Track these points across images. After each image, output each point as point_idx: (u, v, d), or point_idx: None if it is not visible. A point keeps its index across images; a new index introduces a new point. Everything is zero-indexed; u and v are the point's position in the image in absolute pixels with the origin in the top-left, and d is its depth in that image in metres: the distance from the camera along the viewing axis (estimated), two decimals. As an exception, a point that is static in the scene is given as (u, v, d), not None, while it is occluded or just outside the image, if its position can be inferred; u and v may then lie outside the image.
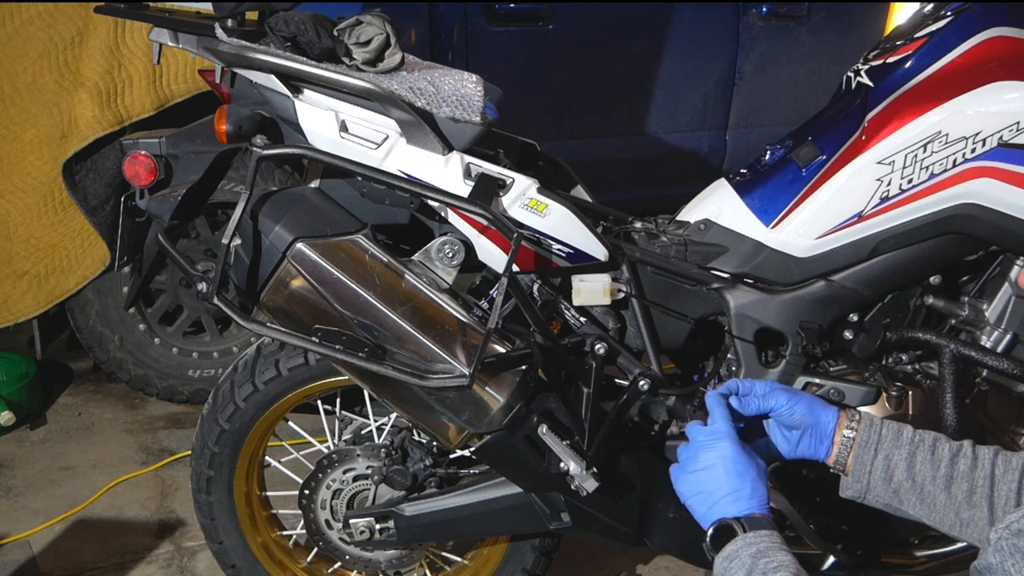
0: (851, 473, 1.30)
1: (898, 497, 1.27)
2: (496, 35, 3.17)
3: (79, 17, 2.57)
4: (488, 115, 1.50)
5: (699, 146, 3.68)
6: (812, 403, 1.31)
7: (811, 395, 1.34)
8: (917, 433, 1.28)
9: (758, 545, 1.12)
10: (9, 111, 2.65)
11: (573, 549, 2.26)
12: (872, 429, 1.29)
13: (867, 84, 1.66)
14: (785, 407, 1.31)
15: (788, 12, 3.62)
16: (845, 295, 1.64)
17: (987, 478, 1.22)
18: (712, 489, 1.20)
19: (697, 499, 1.22)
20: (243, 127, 1.50)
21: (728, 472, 1.20)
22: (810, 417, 1.30)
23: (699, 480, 1.22)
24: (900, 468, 1.26)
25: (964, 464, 1.24)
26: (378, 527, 1.73)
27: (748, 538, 1.13)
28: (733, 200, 1.70)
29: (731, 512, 1.17)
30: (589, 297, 1.58)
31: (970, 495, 1.22)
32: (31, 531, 2.38)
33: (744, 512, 1.17)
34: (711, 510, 1.19)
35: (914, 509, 1.26)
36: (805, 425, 1.31)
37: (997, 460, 1.23)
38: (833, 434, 1.30)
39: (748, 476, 1.19)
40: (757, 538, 1.13)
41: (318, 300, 1.45)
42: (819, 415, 1.31)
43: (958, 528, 1.23)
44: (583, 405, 1.55)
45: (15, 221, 2.72)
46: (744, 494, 1.18)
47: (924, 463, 1.25)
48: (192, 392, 2.96)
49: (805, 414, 1.30)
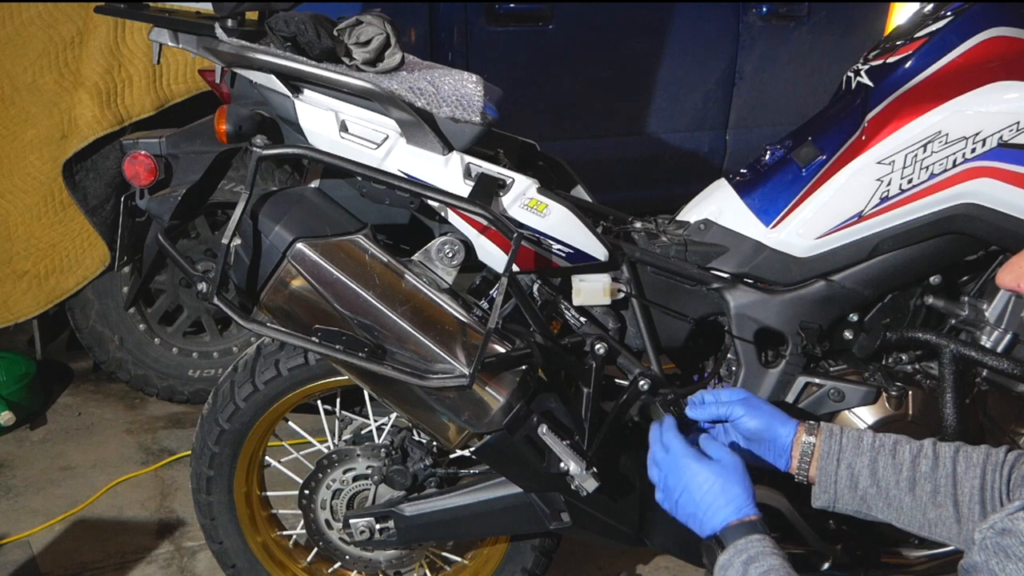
0: (817, 484, 1.32)
1: (866, 503, 1.29)
2: (496, 35, 3.17)
3: (79, 17, 2.57)
4: (488, 115, 1.50)
5: (699, 146, 3.68)
6: (771, 418, 1.33)
7: (773, 408, 1.35)
8: (877, 438, 1.30)
9: (749, 551, 1.15)
10: (9, 111, 2.65)
11: (573, 549, 2.26)
12: (832, 439, 1.30)
13: (867, 84, 1.66)
14: (742, 418, 1.33)
15: (788, 12, 3.62)
16: (845, 295, 1.64)
17: (949, 476, 1.23)
18: (692, 511, 1.25)
19: (689, 522, 1.26)
20: (243, 127, 1.50)
21: (699, 490, 1.23)
22: (767, 432, 1.33)
23: (681, 506, 1.26)
24: (864, 475, 1.28)
25: (925, 465, 1.25)
26: (378, 527, 1.72)
27: (739, 545, 1.16)
28: (733, 200, 1.71)
29: (715, 526, 1.21)
30: (589, 297, 1.58)
31: (934, 495, 1.24)
32: (31, 531, 2.38)
33: (723, 523, 1.20)
34: (701, 529, 1.24)
35: (883, 514, 1.28)
36: (762, 438, 1.34)
37: (958, 458, 1.25)
38: (791, 448, 1.32)
39: (717, 486, 1.22)
40: (748, 544, 1.16)
41: (318, 300, 1.45)
42: (776, 430, 1.33)
43: (927, 528, 1.25)
44: (583, 405, 1.55)
45: (15, 221, 2.72)
46: (719, 505, 1.21)
47: (886, 468, 1.27)
48: (192, 392, 2.96)
49: (761, 428, 1.33)
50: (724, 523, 1.20)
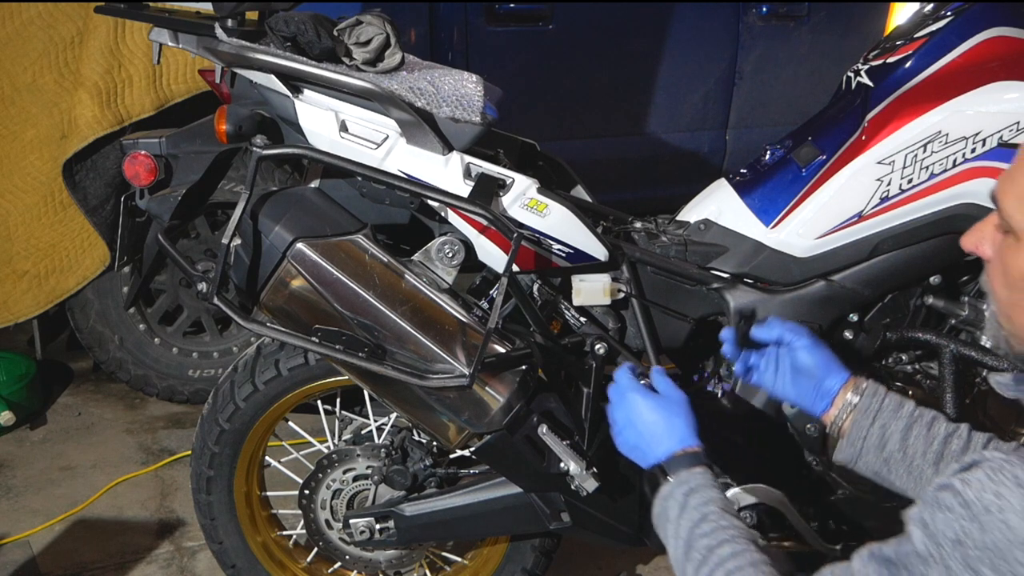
0: (846, 437, 1.33)
1: (887, 467, 1.29)
2: (496, 35, 3.17)
3: (79, 17, 2.57)
4: (488, 115, 1.50)
5: (699, 146, 3.67)
6: (829, 360, 1.36)
7: (832, 353, 1.37)
8: (918, 409, 1.31)
9: (688, 484, 1.19)
10: (9, 111, 2.65)
11: (573, 549, 2.26)
12: (875, 397, 1.32)
13: (867, 84, 1.66)
14: (802, 348, 1.36)
15: (788, 12, 3.62)
16: (845, 295, 1.64)
17: None
18: (635, 442, 1.30)
19: (634, 455, 1.31)
20: (243, 127, 1.50)
21: (643, 422, 1.29)
22: (820, 371, 1.35)
23: (626, 439, 1.32)
24: (894, 439, 1.29)
25: (957, 444, 1.26)
26: (378, 527, 1.72)
27: (681, 477, 1.21)
28: (733, 200, 1.71)
29: (658, 456, 1.26)
30: (589, 297, 1.58)
31: None
32: (31, 531, 2.38)
33: (666, 454, 1.25)
34: (643, 461, 1.29)
35: (901, 481, 1.29)
36: (813, 375, 1.35)
37: (989, 446, 1.25)
38: (835, 395, 1.34)
39: (660, 419, 1.28)
40: (690, 475, 1.20)
41: (318, 300, 1.45)
42: (830, 372, 1.35)
43: None
44: (583, 405, 1.55)
45: (15, 221, 2.72)
46: (662, 437, 1.26)
47: (918, 437, 1.27)
48: (192, 392, 2.96)
49: (816, 365, 1.35)
50: (667, 453, 1.24)
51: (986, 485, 0.81)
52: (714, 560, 1.07)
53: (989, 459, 0.83)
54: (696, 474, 1.20)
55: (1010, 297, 0.99)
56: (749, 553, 1.07)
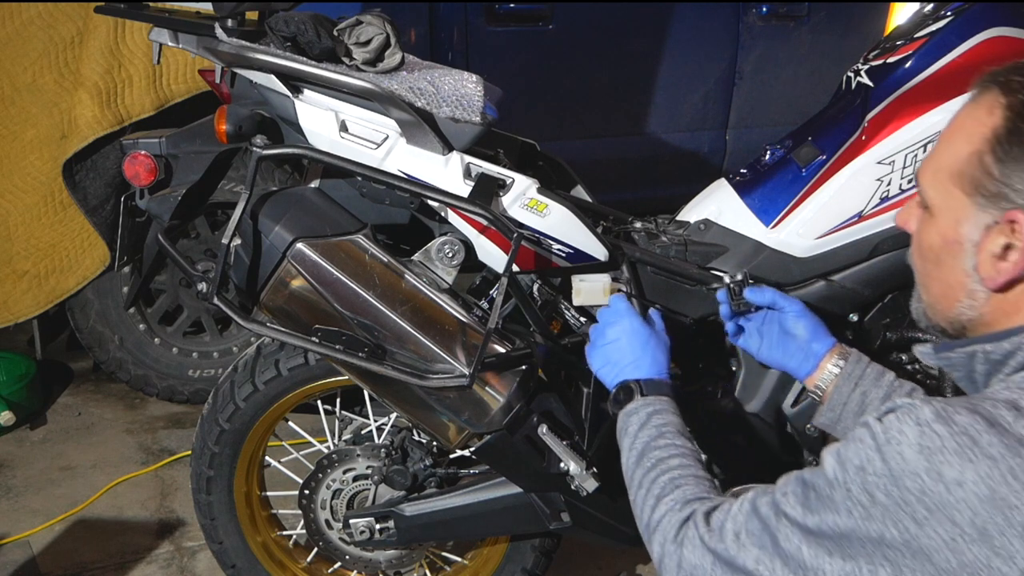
0: (828, 401, 1.39)
1: None
2: (496, 35, 3.17)
3: (79, 17, 2.57)
4: (488, 115, 1.50)
5: (699, 146, 3.68)
6: (818, 325, 1.43)
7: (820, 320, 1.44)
8: (899, 380, 1.38)
9: (655, 406, 1.27)
10: (9, 111, 2.65)
11: (573, 549, 2.26)
12: (859, 364, 1.39)
13: (867, 84, 1.66)
14: (792, 312, 1.43)
15: (788, 12, 3.62)
16: (845, 295, 1.64)
17: None
18: (617, 359, 1.35)
19: (605, 369, 1.37)
20: (243, 127, 1.50)
21: (631, 343, 1.35)
22: (810, 333, 1.42)
23: (606, 353, 1.37)
24: (873, 405, 1.35)
25: None
26: (378, 527, 1.72)
27: (649, 399, 1.28)
28: (733, 200, 1.70)
29: (633, 376, 1.32)
30: (589, 297, 1.58)
31: None
32: (31, 531, 2.38)
33: (644, 376, 1.32)
34: (616, 376, 1.34)
35: None
36: (801, 338, 1.42)
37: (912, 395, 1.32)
38: (821, 358, 1.40)
39: (648, 347, 1.35)
40: (657, 401, 1.28)
41: (318, 300, 1.45)
42: (818, 335, 1.42)
43: None
44: (583, 405, 1.55)
45: (15, 221, 2.72)
46: (645, 362, 1.33)
47: None
48: (192, 392, 2.96)
49: (807, 328, 1.42)
50: (646, 376, 1.32)
51: (893, 424, 0.89)
52: (661, 467, 1.17)
53: (901, 404, 0.90)
54: (664, 400, 1.29)
55: (924, 268, 1.07)
56: (695, 468, 1.17)
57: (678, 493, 1.11)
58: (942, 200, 1.00)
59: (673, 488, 1.13)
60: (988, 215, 0.96)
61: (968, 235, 0.98)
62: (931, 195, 1.02)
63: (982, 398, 0.91)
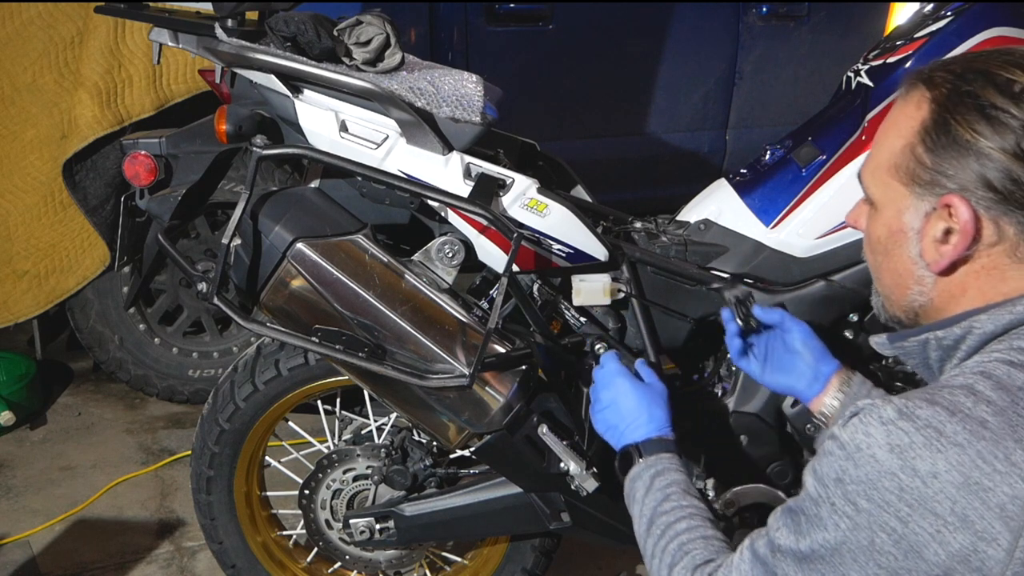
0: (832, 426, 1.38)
1: None
2: (496, 35, 3.17)
3: (79, 17, 2.57)
4: (488, 115, 1.50)
5: (699, 146, 3.68)
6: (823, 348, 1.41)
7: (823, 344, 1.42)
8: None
9: (657, 467, 1.27)
10: (9, 111, 2.65)
11: (573, 549, 2.26)
12: (863, 386, 1.39)
13: (867, 84, 1.66)
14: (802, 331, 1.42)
15: (788, 12, 3.62)
16: (845, 295, 1.64)
17: None
18: (615, 422, 1.36)
19: (607, 435, 1.37)
20: (243, 127, 1.50)
21: (626, 405, 1.35)
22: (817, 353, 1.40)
23: (605, 418, 1.38)
24: None
25: None
26: (378, 527, 1.72)
27: (650, 460, 1.28)
28: (733, 200, 1.70)
29: (633, 439, 1.32)
30: (589, 297, 1.58)
31: None
32: (31, 531, 2.38)
33: (643, 437, 1.31)
34: (618, 441, 1.35)
35: None
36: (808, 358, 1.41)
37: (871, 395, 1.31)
38: (828, 380, 1.39)
39: (643, 405, 1.34)
40: (658, 460, 1.28)
41: (318, 300, 1.45)
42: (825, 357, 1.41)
43: None
44: (583, 405, 1.55)
45: (15, 221, 2.72)
46: (642, 422, 1.33)
47: None
48: (192, 392, 2.96)
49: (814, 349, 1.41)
50: (644, 437, 1.31)
51: (858, 427, 0.90)
52: (670, 534, 1.16)
53: (861, 406, 0.91)
54: (664, 458, 1.28)
55: (875, 261, 1.09)
56: (703, 528, 1.16)
57: (687, 560, 1.12)
58: (883, 194, 1.04)
59: (682, 555, 1.13)
60: (926, 203, 0.99)
61: (910, 223, 1.01)
62: (873, 191, 1.06)
63: (938, 388, 0.93)
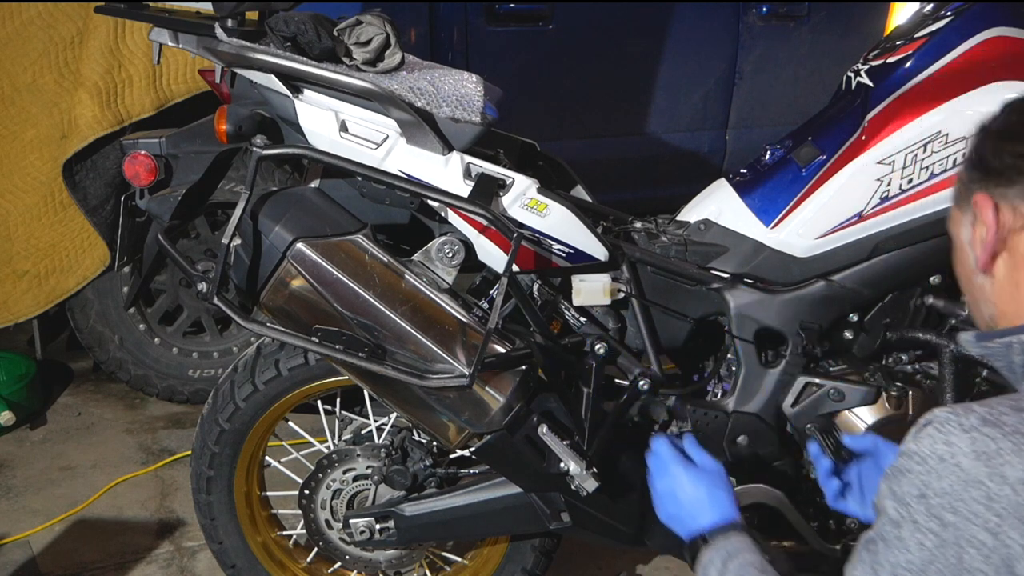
0: None
1: None
2: (496, 35, 3.17)
3: (79, 17, 2.57)
4: (488, 115, 1.50)
5: (699, 146, 3.67)
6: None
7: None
8: None
9: (728, 548, 1.21)
10: (9, 111, 2.65)
11: (573, 549, 2.26)
12: None
13: (867, 84, 1.66)
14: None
15: (788, 12, 3.62)
16: (845, 295, 1.64)
17: None
18: (675, 512, 1.32)
19: (673, 524, 1.33)
20: (243, 127, 1.50)
21: (684, 495, 1.31)
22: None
23: (665, 508, 1.34)
24: None
25: None
26: (378, 527, 1.72)
27: (718, 544, 1.23)
28: (733, 200, 1.70)
29: (702, 527, 1.27)
30: (589, 297, 1.58)
31: None
32: (31, 531, 2.38)
33: (708, 524, 1.27)
34: (683, 530, 1.31)
35: None
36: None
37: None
38: None
39: (700, 490, 1.30)
40: (727, 542, 1.22)
41: (318, 300, 1.45)
42: None
43: None
44: (583, 405, 1.55)
45: (15, 221, 2.72)
46: (704, 508, 1.28)
47: None
48: (192, 392, 2.96)
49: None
50: (711, 524, 1.26)
51: (936, 437, 0.87)
52: None
53: (934, 416, 0.88)
54: (733, 539, 1.23)
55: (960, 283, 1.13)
56: None
57: None
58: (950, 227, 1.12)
59: None
60: (968, 215, 1.06)
61: (964, 238, 1.08)
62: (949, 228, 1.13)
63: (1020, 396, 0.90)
